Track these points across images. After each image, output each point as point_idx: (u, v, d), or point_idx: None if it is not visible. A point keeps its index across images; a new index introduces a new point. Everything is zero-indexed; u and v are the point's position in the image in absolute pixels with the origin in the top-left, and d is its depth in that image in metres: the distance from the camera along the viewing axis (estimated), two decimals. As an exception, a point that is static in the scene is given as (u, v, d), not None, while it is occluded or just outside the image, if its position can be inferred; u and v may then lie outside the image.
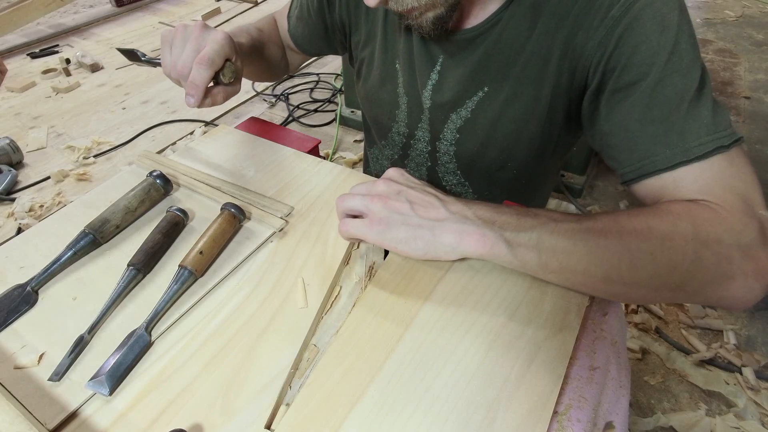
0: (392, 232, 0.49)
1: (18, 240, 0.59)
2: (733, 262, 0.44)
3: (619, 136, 0.53)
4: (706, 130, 0.48)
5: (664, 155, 0.50)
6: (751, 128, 2.08)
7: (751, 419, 1.09)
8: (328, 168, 0.69)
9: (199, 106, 0.58)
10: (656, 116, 0.50)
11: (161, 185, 0.62)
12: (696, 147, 0.48)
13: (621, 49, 0.51)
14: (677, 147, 0.49)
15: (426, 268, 0.53)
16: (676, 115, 0.49)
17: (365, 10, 0.71)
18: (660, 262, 0.44)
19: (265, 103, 2.26)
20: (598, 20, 0.52)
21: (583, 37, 0.54)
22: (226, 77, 0.59)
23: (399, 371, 0.44)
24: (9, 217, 1.60)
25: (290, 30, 0.81)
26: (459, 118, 0.67)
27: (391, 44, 0.69)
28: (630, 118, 0.52)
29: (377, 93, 0.75)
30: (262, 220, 0.60)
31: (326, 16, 0.75)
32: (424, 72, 0.67)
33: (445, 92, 0.66)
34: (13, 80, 2.35)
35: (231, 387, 0.44)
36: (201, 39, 0.57)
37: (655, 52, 0.49)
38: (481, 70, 0.62)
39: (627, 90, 0.52)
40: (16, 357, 0.47)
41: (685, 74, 0.49)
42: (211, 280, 0.53)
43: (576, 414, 0.43)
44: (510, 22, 0.57)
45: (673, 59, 0.49)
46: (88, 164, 1.85)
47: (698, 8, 3.19)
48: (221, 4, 3.12)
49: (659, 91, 0.50)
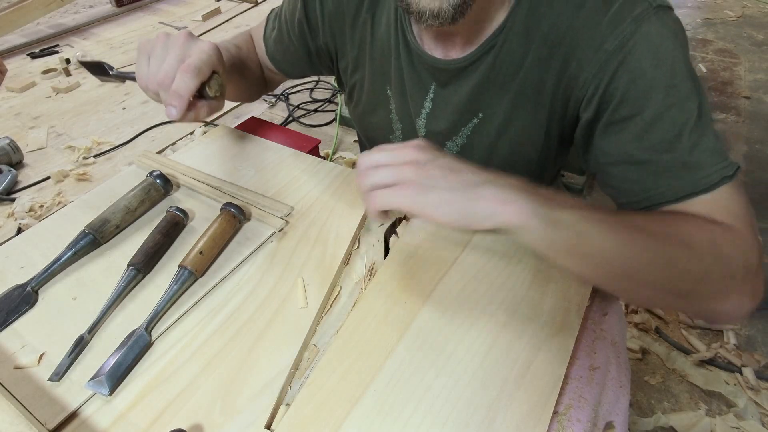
0: (428, 197, 0.43)
1: (18, 240, 0.59)
2: (735, 279, 0.46)
3: (619, 167, 0.53)
4: (711, 161, 0.48)
5: (671, 186, 0.50)
6: (751, 128, 2.08)
7: (751, 419, 1.09)
8: (328, 168, 0.69)
9: (180, 119, 0.53)
10: (658, 149, 0.50)
11: (161, 185, 0.62)
12: (703, 179, 0.48)
13: (616, 83, 0.50)
14: (685, 179, 0.49)
15: (426, 268, 0.53)
16: (680, 146, 0.49)
17: (350, 36, 0.68)
18: (677, 267, 0.44)
19: (265, 103, 2.26)
20: (591, 52, 0.51)
21: (576, 68, 0.53)
22: (212, 90, 0.55)
23: (399, 371, 0.44)
24: (9, 217, 1.60)
25: (269, 53, 0.76)
26: (455, 146, 0.67)
27: (379, 70, 0.67)
28: (630, 151, 0.51)
29: (370, 118, 0.73)
30: (262, 220, 0.60)
31: (309, 43, 0.71)
32: (416, 100, 0.65)
33: (440, 121, 0.65)
34: (13, 80, 2.34)
35: (231, 387, 0.44)
36: (186, 48, 0.53)
37: (651, 86, 0.49)
38: (476, 97, 0.61)
39: (623, 123, 0.51)
40: (16, 357, 0.47)
41: (683, 107, 0.49)
42: (211, 280, 0.53)
43: (576, 414, 0.43)
44: (503, 48, 0.56)
45: (670, 93, 0.49)
46: (88, 164, 1.85)
47: (698, 8, 3.19)
48: (221, 4, 3.12)
49: (659, 124, 0.49)
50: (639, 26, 0.49)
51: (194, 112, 0.54)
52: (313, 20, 0.69)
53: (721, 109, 2.21)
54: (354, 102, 0.75)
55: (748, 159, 1.92)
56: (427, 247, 0.56)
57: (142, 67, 0.54)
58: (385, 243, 0.59)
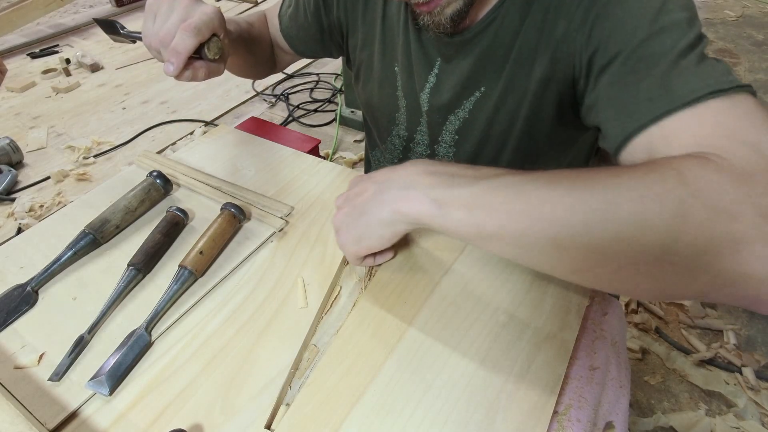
0: (348, 236, 0.49)
1: (18, 240, 0.59)
2: (742, 219, 0.32)
3: (604, 107, 0.48)
4: (697, 77, 0.40)
5: (646, 108, 0.42)
6: (751, 128, 2.08)
7: (751, 419, 1.09)
8: (328, 168, 0.69)
9: (177, 76, 0.54)
10: (639, 76, 0.44)
11: (161, 185, 0.62)
12: (684, 94, 0.40)
13: (601, 26, 0.48)
14: (661, 98, 0.41)
15: (426, 268, 0.53)
16: (660, 68, 0.42)
17: (362, 12, 0.70)
18: (624, 213, 0.33)
19: (265, 103, 2.26)
20: (575, 5, 0.51)
21: (563, 26, 0.53)
22: (211, 52, 0.56)
23: (399, 371, 0.44)
24: (9, 217, 1.60)
25: (283, 30, 0.79)
26: (457, 120, 0.67)
27: (389, 47, 0.69)
28: (612, 86, 0.47)
29: (377, 96, 0.74)
30: (262, 220, 0.60)
31: (323, 18, 0.74)
32: (422, 75, 0.66)
33: (443, 94, 0.66)
34: (13, 80, 2.35)
35: (231, 387, 0.44)
36: (189, 9, 0.54)
37: (639, 16, 0.45)
38: (479, 70, 0.61)
39: (611, 64, 0.47)
40: (16, 357, 0.47)
41: (672, 31, 0.43)
42: (211, 280, 0.53)
43: (576, 414, 0.43)
44: (504, 21, 0.57)
45: (658, 18, 0.44)
46: (88, 164, 1.85)
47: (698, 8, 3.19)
48: (221, 4, 3.12)
49: (642, 51, 0.44)
50: None
51: (192, 72, 0.55)
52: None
53: (721, 109, 2.21)
54: (361, 81, 0.76)
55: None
56: (428, 248, 0.56)
57: (148, 24, 0.56)
58: (385, 243, 0.59)
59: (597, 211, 0.34)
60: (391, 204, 0.44)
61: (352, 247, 0.49)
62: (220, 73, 0.59)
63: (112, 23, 0.65)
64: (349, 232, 0.49)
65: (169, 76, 0.53)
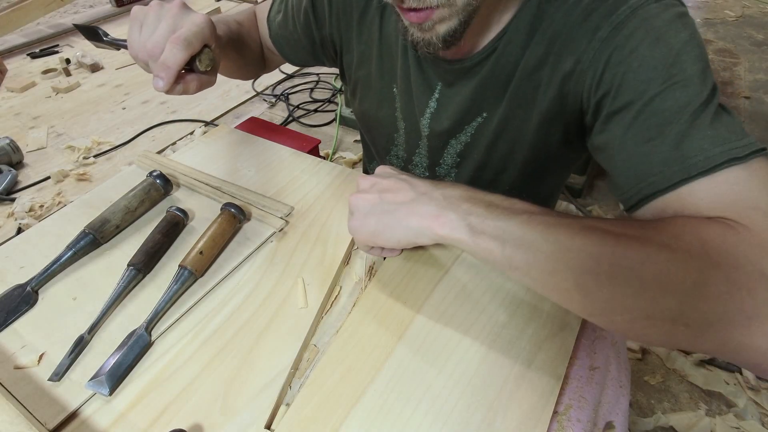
0: (366, 225, 0.48)
1: (18, 240, 0.59)
2: (755, 295, 0.33)
3: (615, 158, 0.48)
4: (712, 142, 0.40)
5: (662, 174, 0.42)
6: (751, 128, 2.08)
7: (751, 419, 1.09)
8: (328, 168, 0.69)
9: (168, 91, 0.52)
10: (652, 131, 0.43)
11: (161, 185, 0.62)
12: (700, 161, 0.40)
13: (612, 71, 0.47)
14: (677, 163, 0.41)
15: (426, 268, 0.53)
16: (675, 128, 0.42)
17: (357, 31, 0.67)
18: (649, 274, 0.35)
19: (265, 103, 2.26)
20: (585, 43, 0.49)
21: (571, 62, 0.51)
22: (202, 64, 0.53)
23: (399, 371, 0.44)
24: (9, 217, 1.60)
25: (272, 36, 0.75)
26: (458, 143, 0.66)
27: (387, 67, 0.67)
28: (625, 139, 0.46)
29: (375, 115, 0.73)
30: (262, 220, 0.60)
31: (314, 33, 0.71)
32: (422, 100, 0.65)
33: (444, 121, 0.65)
34: (13, 80, 2.34)
35: (231, 387, 0.44)
36: (178, 18, 0.52)
37: (652, 68, 0.44)
38: (480, 96, 0.60)
39: (623, 112, 0.46)
40: (16, 357, 0.47)
41: (687, 86, 0.42)
42: (211, 280, 0.53)
43: (576, 414, 0.43)
44: (505, 51, 0.56)
45: (671, 72, 0.43)
46: (88, 164, 1.85)
47: (698, 8, 3.19)
48: (221, 4, 3.12)
49: (657, 105, 0.43)
50: (635, 12, 0.46)
51: (183, 86, 0.53)
52: (320, 11, 0.69)
53: (721, 109, 2.21)
54: (358, 99, 0.74)
55: None
56: (428, 248, 0.56)
57: (134, 34, 0.53)
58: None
59: (623, 267, 0.36)
60: (425, 219, 0.45)
61: (365, 235, 0.49)
62: (212, 84, 0.57)
63: (94, 30, 0.62)
64: (367, 220, 0.48)
65: (159, 91, 0.51)
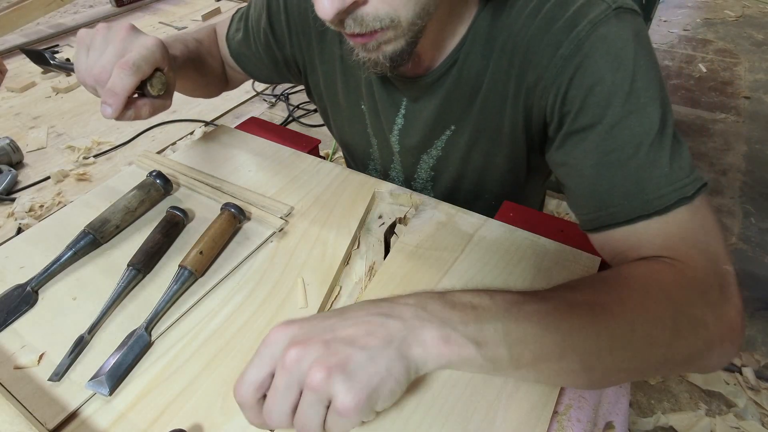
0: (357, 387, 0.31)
1: (18, 240, 0.59)
2: (708, 327, 0.40)
3: (575, 180, 0.50)
4: (667, 180, 0.44)
5: (622, 207, 0.46)
6: (751, 128, 2.08)
7: (751, 419, 1.09)
8: (328, 168, 0.69)
9: (118, 118, 0.49)
10: (613, 161, 0.46)
11: (161, 185, 0.62)
12: (656, 199, 0.44)
13: (575, 91, 0.47)
14: (636, 199, 0.45)
15: (426, 268, 0.53)
16: (634, 161, 0.45)
17: (318, 51, 0.66)
18: (639, 338, 0.39)
19: (265, 103, 2.26)
20: (547, 59, 0.49)
21: (534, 76, 0.51)
22: (154, 89, 0.52)
23: (399, 371, 0.44)
24: (9, 217, 1.60)
25: (233, 54, 0.74)
26: (430, 158, 0.66)
27: (353, 86, 0.66)
28: (585, 163, 0.48)
29: (348, 133, 0.72)
30: (262, 220, 0.60)
31: (276, 53, 0.70)
32: (389, 117, 0.64)
33: (413, 136, 0.64)
34: (13, 80, 2.34)
35: (231, 387, 0.44)
36: (127, 42, 0.50)
37: (611, 93, 0.45)
38: (445, 111, 0.60)
39: (583, 133, 0.48)
40: (16, 357, 0.47)
41: (642, 115, 0.45)
42: (211, 280, 0.53)
43: (576, 414, 0.43)
44: (466, 62, 0.55)
45: (630, 99, 0.45)
46: (88, 164, 1.85)
47: (698, 8, 3.19)
48: (221, 4, 3.12)
49: (616, 134, 0.46)
50: (595, 28, 0.46)
51: (134, 111, 0.51)
52: (279, 31, 0.67)
53: (721, 109, 2.21)
54: (330, 117, 0.74)
55: (748, 159, 1.92)
56: (427, 247, 0.56)
57: (81, 59, 0.51)
58: (385, 243, 0.59)
59: (617, 338, 0.38)
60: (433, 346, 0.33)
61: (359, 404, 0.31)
62: (167, 108, 0.56)
63: (40, 54, 0.60)
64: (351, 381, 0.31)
65: (108, 118, 0.49)
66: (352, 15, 0.43)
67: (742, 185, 1.80)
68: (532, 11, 0.49)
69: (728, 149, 1.97)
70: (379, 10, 0.42)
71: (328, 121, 0.76)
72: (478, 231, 0.58)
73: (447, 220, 0.60)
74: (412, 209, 0.62)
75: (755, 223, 1.64)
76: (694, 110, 2.20)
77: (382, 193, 0.64)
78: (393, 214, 0.63)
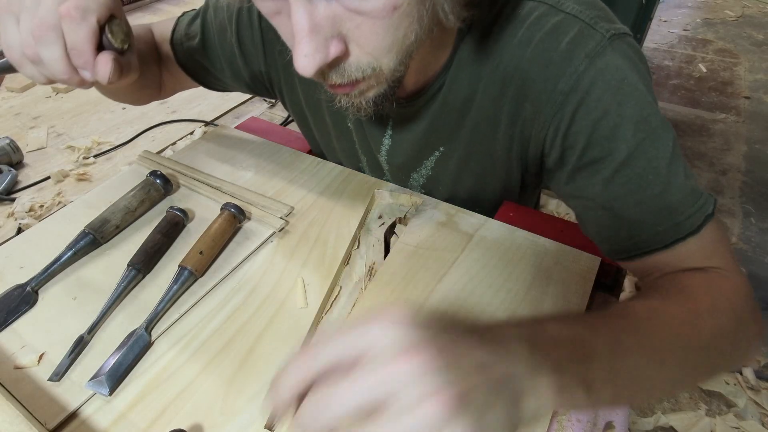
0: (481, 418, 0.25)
1: (18, 240, 0.59)
2: (749, 328, 0.44)
3: (596, 212, 0.50)
4: (691, 200, 0.46)
5: (655, 234, 0.47)
6: (751, 128, 2.08)
7: (751, 419, 1.09)
8: (328, 168, 0.69)
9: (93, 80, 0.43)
10: (635, 190, 0.46)
11: (161, 185, 0.62)
12: (686, 221, 0.46)
13: (578, 127, 0.47)
14: (667, 223, 0.46)
15: (426, 268, 0.53)
16: (657, 187, 0.45)
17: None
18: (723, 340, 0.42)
19: (265, 103, 2.26)
20: (546, 94, 0.47)
21: (531, 109, 0.50)
22: (116, 38, 0.42)
23: (399, 371, 0.44)
24: (9, 217, 1.60)
25: (180, 61, 0.68)
26: (420, 177, 0.66)
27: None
28: (605, 196, 0.48)
29: (338, 149, 0.72)
30: (262, 220, 0.60)
31: (240, 66, 0.66)
32: (375, 137, 0.64)
33: (400, 156, 0.64)
34: (13, 80, 2.34)
35: (231, 387, 0.44)
36: None
37: (618, 125, 0.45)
38: (433, 133, 0.59)
39: (594, 166, 0.47)
40: (16, 357, 0.47)
41: (655, 139, 0.45)
42: (211, 280, 0.53)
43: (576, 414, 0.43)
44: (452, 88, 0.54)
45: (640, 127, 0.45)
46: (88, 164, 1.85)
47: (698, 8, 3.19)
48: (221, 4, 3.12)
49: (632, 164, 0.45)
50: (593, 62, 0.45)
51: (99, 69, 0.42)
52: (249, 47, 0.64)
53: (721, 109, 2.21)
54: (317, 133, 0.73)
55: (748, 159, 1.92)
56: (427, 247, 0.56)
57: (10, 30, 0.41)
58: (385, 243, 0.59)
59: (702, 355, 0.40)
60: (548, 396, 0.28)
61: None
62: (135, 71, 0.47)
63: None
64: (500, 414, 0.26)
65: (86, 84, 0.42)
66: (334, 68, 0.40)
67: (742, 185, 1.80)
68: (522, 41, 0.48)
69: (728, 149, 1.98)
70: (361, 61, 0.39)
71: (316, 136, 0.73)
72: (478, 231, 0.58)
73: (447, 220, 0.60)
74: (412, 209, 0.62)
75: (755, 223, 1.64)
76: (694, 110, 2.21)
77: (382, 193, 0.64)
78: (393, 214, 0.63)
